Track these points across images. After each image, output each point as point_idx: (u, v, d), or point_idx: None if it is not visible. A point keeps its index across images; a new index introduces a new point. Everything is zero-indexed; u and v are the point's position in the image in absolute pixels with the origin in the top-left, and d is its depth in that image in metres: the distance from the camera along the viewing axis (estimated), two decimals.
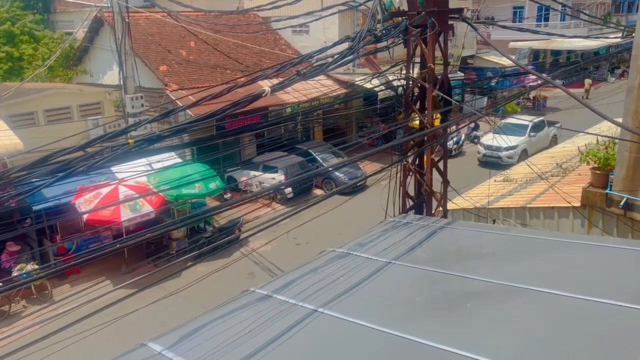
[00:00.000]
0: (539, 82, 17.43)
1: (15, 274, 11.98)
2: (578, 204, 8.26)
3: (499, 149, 21.11)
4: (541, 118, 24.05)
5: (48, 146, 5.22)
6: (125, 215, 12.87)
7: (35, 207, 12.34)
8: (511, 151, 21.39)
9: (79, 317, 4.99)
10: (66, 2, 26.28)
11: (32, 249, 13.65)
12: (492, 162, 21.11)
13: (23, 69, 22.34)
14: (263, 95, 4.37)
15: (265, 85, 5.12)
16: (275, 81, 7.47)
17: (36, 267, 12.47)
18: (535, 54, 36.18)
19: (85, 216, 12.89)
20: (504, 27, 12.23)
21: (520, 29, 15.83)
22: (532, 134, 22.30)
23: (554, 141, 22.02)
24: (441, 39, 7.64)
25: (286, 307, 4.44)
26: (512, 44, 31.75)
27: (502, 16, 31.68)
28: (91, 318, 4.89)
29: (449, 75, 8.04)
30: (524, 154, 20.87)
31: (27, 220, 13.25)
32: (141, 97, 15.41)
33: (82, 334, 9.99)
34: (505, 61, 27.08)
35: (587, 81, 34.08)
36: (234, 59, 20.89)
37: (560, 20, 36.35)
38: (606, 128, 10.91)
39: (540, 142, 22.43)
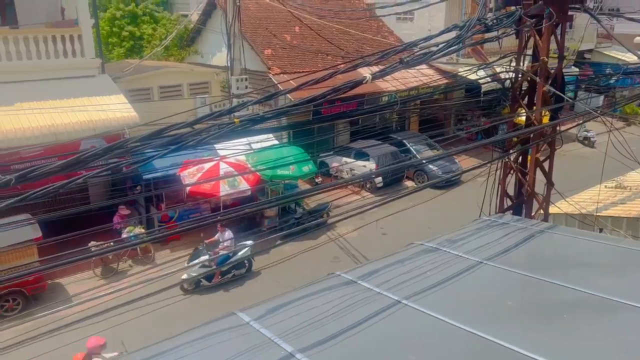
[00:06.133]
0: None
1: (124, 235, 13.14)
2: None
3: None
4: None
5: (161, 120, 5.64)
6: (224, 190, 13.58)
7: (146, 176, 13.42)
8: None
9: (176, 282, 5.38)
10: None
11: (140, 214, 14.88)
12: None
13: (142, 48, 24.13)
14: (364, 82, 4.36)
15: (366, 72, 5.10)
16: (375, 69, 7.41)
17: (143, 231, 13.60)
18: None
19: (188, 188, 13.79)
20: (631, 19, 11.08)
21: None
22: None
23: None
24: (558, 30, 7.13)
25: (370, 295, 4.46)
26: (638, 39, 28.76)
27: (630, 7, 28.74)
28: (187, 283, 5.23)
29: (563, 70, 7.48)
30: None
31: (137, 188, 14.45)
32: (246, 79, 16.04)
33: (175, 298, 10.74)
34: (629, 57, 24.64)
35: None
36: (336, 45, 21.00)
37: None
38: None
39: None
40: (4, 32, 13.04)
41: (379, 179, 18.08)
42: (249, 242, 13.02)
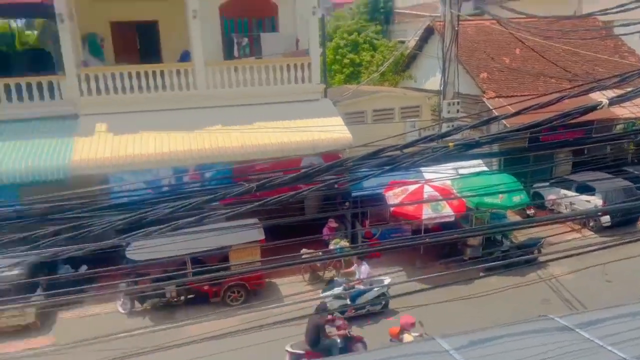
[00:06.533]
0: None
1: (331, 247, 14.08)
2: None
3: None
4: None
5: (377, 142, 5.93)
6: (427, 214, 13.53)
7: (354, 194, 14.20)
8: None
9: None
10: (404, 14, 29.00)
11: (346, 229, 15.77)
12: None
13: (360, 74, 25.75)
14: (599, 107, 3.92)
15: (600, 97, 4.58)
16: (611, 93, 6.56)
17: (347, 244, 14.37)
18: None
19: (392, 208, 14.13)
20: None
21: None
22: None
23: None
24: None
25: (590, 347, 3.94)
26: None
27: None
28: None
29: None
30: None
31: (346, 204, 15.37)
32: (457, 103, 15.81)
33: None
34: None
35: None
36: (562, 67, 19.27)
37: None
38: None
39: None
40: (251, 62, 15.36)
41: (606, 217, 15.86)
42: (387, 280, 12.46)
